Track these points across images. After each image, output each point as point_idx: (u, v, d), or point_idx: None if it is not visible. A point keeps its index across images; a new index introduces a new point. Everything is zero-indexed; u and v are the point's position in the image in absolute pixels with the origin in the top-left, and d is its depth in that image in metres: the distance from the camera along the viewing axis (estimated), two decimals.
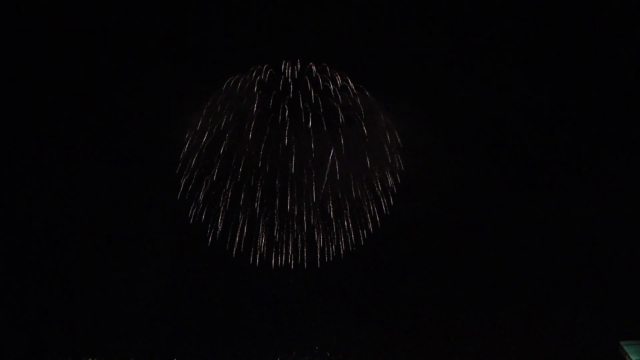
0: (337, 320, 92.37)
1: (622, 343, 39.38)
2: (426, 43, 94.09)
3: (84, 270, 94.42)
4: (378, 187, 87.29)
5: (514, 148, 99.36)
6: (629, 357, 39.26)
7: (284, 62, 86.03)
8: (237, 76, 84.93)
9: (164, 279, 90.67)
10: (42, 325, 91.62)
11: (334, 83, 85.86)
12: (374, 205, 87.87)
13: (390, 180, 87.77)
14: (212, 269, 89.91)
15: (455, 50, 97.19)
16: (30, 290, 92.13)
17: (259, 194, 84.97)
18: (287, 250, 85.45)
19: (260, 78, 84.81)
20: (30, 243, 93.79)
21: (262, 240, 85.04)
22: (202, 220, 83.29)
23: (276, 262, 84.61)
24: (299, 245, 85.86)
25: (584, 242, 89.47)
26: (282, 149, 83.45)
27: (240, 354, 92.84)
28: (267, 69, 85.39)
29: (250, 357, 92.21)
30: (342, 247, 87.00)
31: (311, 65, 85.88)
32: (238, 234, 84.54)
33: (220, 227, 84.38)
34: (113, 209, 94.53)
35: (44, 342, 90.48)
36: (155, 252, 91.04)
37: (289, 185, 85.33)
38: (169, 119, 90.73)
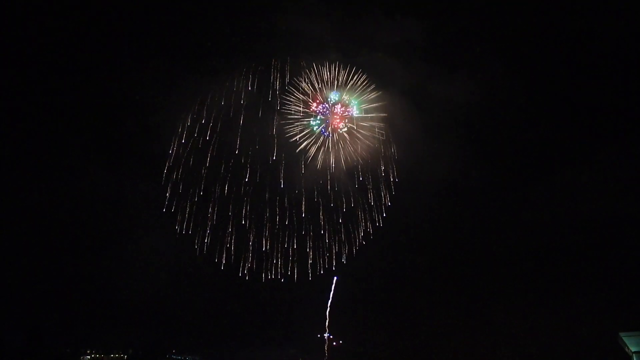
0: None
1: (621, 334, 38.85)
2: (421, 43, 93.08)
3: (81, 267, 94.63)
4: (371, 199, 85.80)
5: (509, 152, 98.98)
6: (628, 348, 38.77)
7: (273, 60, 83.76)
8: (224, 83, 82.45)
9: (158, 280, 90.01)
10: (41, 319, 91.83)
11: (325, 84, 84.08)
12: (367, 216, 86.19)
13: (384, 191, 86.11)
14: (202, 280, 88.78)
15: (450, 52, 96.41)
16: (30, 286, 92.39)
17: (247, 206, 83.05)
18: (277, 263, 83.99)
19: (248, 88, 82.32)
20: (30, 240, 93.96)
21: (251, 254, 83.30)
22: (190, 231, 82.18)
23: (266, 275, 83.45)
24: (290, 257, 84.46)
25: (583, 234, 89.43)
26: (272, 160, 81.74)
27: (237, 349, 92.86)
28: (256, 67, 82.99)
29: (245, 353, 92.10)
30: (335, 259, 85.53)
31: (301, 62, 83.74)
32: (226, 247, 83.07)
33: (207, 240, 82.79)
34: (107, 208, 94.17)
35: (42, 335, 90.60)
36: (149, 255, 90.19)
37: (279, 196, 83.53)
38: (154, 125, 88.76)
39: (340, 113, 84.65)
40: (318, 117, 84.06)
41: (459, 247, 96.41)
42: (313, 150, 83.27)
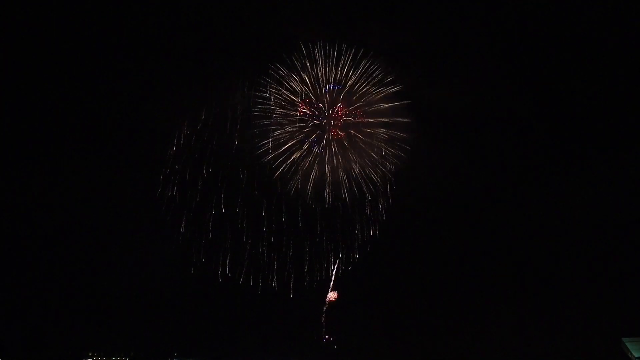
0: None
1: (624, 339, 38.84)
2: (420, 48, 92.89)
3: (82, 270, 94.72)
4: (368, 210, 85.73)
5: (508, 154, 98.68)
6: (630, 353, 38.75)
7: (270, 65, 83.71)
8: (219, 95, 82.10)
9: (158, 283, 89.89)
10: (43, 322, 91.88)
11: (321, 84, 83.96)
12: (364, 227, 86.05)
13: (381, 202, 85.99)
14: (202, 286, 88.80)
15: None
16: (31, 288, 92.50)
17: (244, 218, 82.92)
18: (273, 274, 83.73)
19: (244, 93, 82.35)
20: (32, 242, 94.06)
21: (248, 261, 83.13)
22: (187, 239, 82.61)
23: (264, 286, 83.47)
24: (287, 268, 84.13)
25: (584, 237, 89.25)
26: (269, 169, 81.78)
27: (237, 351, 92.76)
28: (253, 74, 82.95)
29: (245, 355, 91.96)
30: (333, 269, 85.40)
31: (296, 65, 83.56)
32: (221, 259, 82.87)
33: (204, 242, 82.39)
34: (109, 212, 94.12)
35: (43, 337, 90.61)
36: (150, 260, 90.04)
37: (275, 208, 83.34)
38: (151, 132, 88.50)
39: (341, 115, 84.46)
40: (310, 124, 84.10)
41: (458, 251, 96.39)
42: (309, 158, 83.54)
